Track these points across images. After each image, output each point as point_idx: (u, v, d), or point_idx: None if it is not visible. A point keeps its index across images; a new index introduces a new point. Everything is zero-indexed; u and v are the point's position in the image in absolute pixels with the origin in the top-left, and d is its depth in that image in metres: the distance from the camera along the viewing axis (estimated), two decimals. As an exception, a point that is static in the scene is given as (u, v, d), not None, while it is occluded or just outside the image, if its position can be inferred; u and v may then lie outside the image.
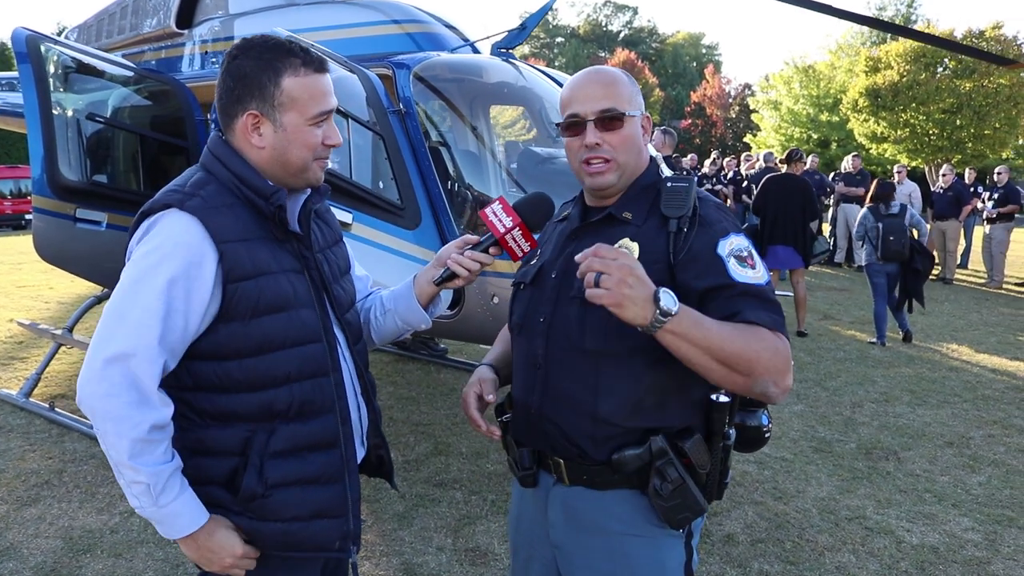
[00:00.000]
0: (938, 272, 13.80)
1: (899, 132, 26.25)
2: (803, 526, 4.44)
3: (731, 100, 52.88)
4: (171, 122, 6.20)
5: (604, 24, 70.72)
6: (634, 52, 56.73)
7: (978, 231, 15.53)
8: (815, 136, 34.65)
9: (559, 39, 67.42)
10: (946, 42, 8.99)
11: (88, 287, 10.51)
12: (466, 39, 5.41)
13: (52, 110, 5.56)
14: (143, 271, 1.73)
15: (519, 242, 1.98)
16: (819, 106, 34.21)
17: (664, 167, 2.08)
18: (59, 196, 5.69)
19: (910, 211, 8.57)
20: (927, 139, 26.11)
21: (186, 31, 6.84)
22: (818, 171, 15.72)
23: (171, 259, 1.71)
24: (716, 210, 1.92)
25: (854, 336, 9.46)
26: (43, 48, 5.62)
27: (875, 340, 8.99)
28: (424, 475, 4.96)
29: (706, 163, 17.83)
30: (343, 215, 4.19)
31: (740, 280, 1.79)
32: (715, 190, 14.98)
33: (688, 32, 69.84)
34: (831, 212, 15.96)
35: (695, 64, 64.07)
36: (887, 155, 27.70)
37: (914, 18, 41.30)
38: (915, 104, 25.60)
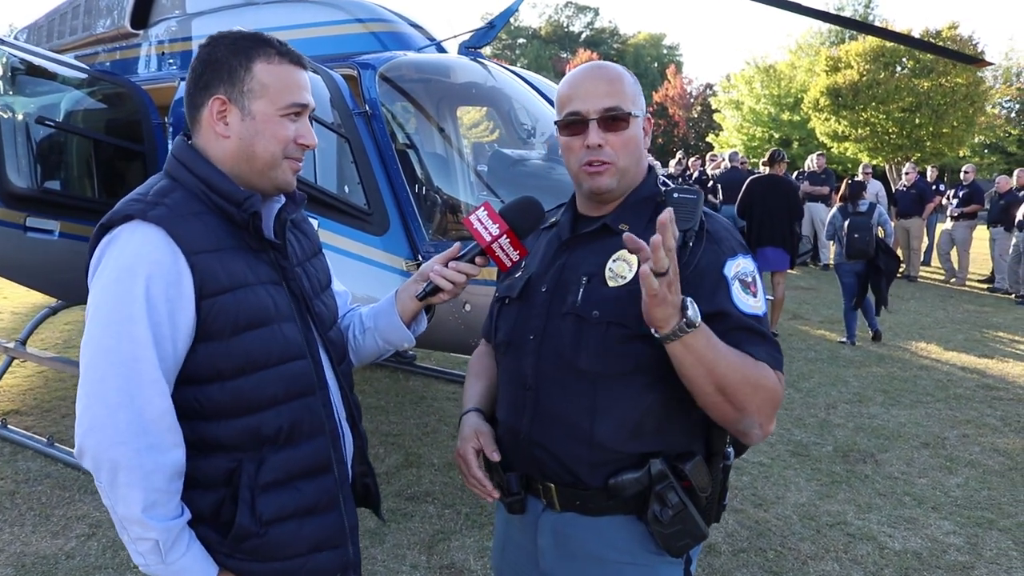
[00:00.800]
0: (903, 270, 13.90)
1: (860, 131, 26.54)
2: (785, 534, 4.35)
3: (692, 100, 53.19)
4: (127, 126, 5.95)
5: (566, 25, 70.80)
6: (596, 53, 56.84)
7: (939, 228, 15.70)
8: (777, 135, 34.93)
9: (521, 40, 67.36)
10: (918, 42, 9.01)
11: (44, 297, 10.17)
12: (432, 38, 5.26)
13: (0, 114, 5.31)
14: (118, 299, 1.56)
15: (507, 251, 1.81)
16: (780, 105, 34.52)
17: (661, 171, 1.94)
18: (7, 204, 5.42)
19: (878, 209, 8.57)
20: (887, 138, 26.43)
21: (141, 31, 6.60)
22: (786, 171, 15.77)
23: (146, 281, 1.55)
24: (723, 227, 1.82)
25: (824, 336, 9.45)
26: (-11, 49, 5.37)
27: (845, 340, 8.98)
28: (395, 488, 4.80)
29: (671, 163, 17.82)
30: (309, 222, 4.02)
31: (742, 310, 1.70)
32: (681, 190, 14.90)
33: (649, 33, 70.10)
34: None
35: (656, 64, 64.29)
36: (848, 154, 28.01)
37: (871, 18, 41.82)
38: (875, 103, 25.90)
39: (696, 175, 16.20)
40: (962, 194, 14.02)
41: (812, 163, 15.31)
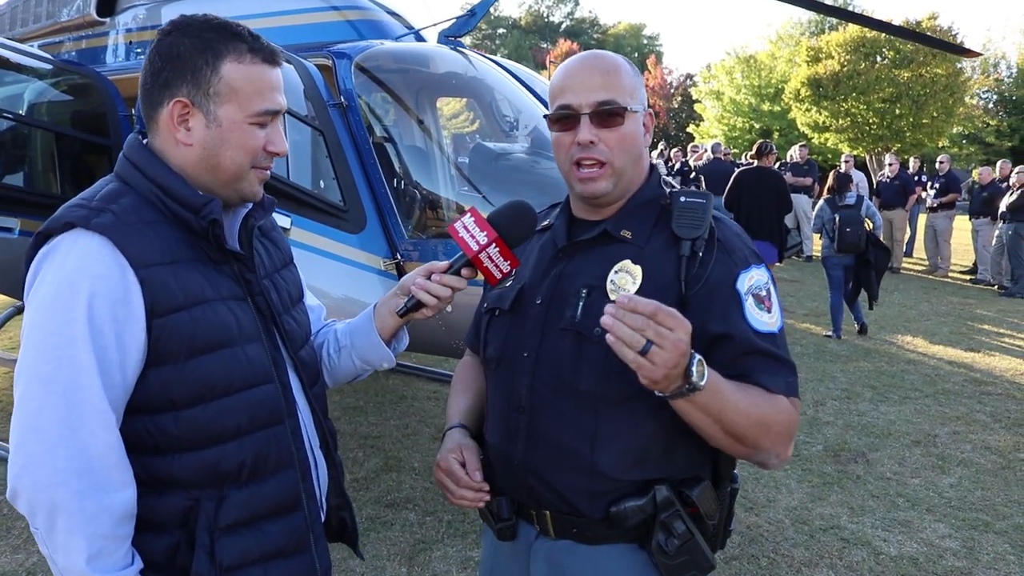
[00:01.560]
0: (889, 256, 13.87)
1: (841, 121, 26.52)
2: (777, 539, 4.22)
3: (673, 90, 53.08)
4: (92, 118, 5.72)
5: (546, 15, 70.49)
6: (576, 43, 56.60)
7: (921, 219, 15.68)
8: (757, 126, 34.92)
9: (501, 30, 67.03)
10: (911, 33, 8.97)
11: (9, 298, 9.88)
12: (410, 27, 5.05)
13: (-44, 106, 5.07)
14: (57, 320, 1.37)
15: (497, 261, 1.63)
16: (761, 96, 34.49)
17: (663, 170, 1.77)
18: (-35, 200, 5.20)
19: (866, 202, 8.49)
20: (868, 128, 26.42)
21: (108, 20, 6.35)
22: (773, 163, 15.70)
23: (88, 299, 1.37)
24: (735, 235, 1.66)
25: (809, 329, 9.35)
26: (-55, 38, 5.12)
27: (831, 333, 8.89)
28: (375, 494, 4.63)
29: (653, 155, 17.69)
30: (281, 220, 3.82)
31: (757, 328, 1.56)
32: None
33: (629, 23, 69.99)
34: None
35: (636, 55, 64.11)
36: (829, 144, 28.01)
37: (850, 7, 41.91)
38: (856, 93, 25.87)
39: (678, 166, 16.09)
40: (939, 184, 14.00)
41: (795, 154, 15.23)
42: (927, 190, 14.58)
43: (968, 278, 13.65)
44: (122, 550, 1.40)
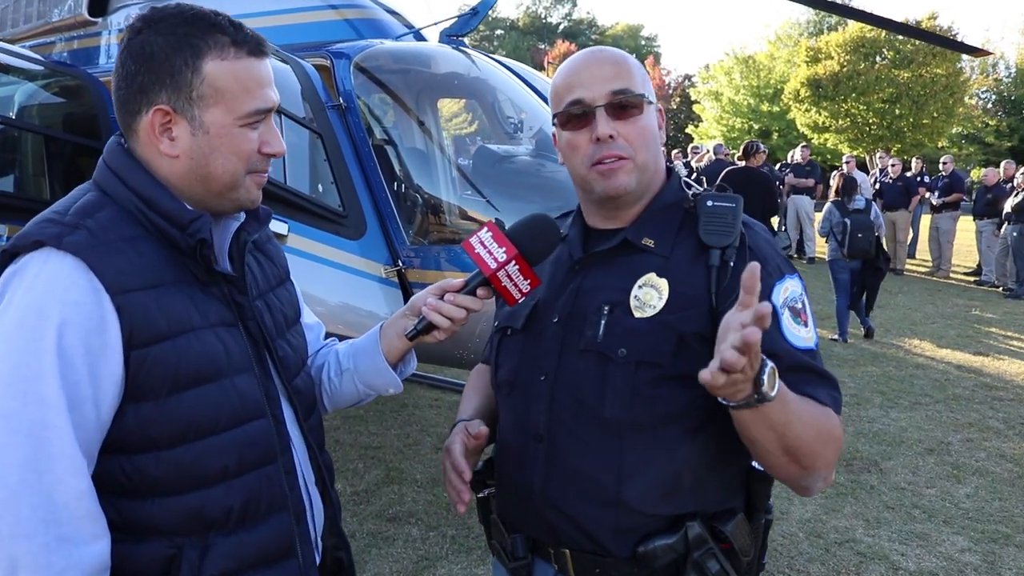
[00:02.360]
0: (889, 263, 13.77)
1: (840, 122, 26.46)
2: (792, 554, 4.08)
3: (671, 91, 53.00)
4: (84, 120, 5.57)
5: (544, 16, 70.36)
6: (574, 44, 56.51)
7: (924, 220, 15.56)
8: (756, 126, 34.83)
9: (499, 32, 66.89)
10: (922, 32, 8.90)
11: None
12: (411, 26, 4.91)
13: (-56, 108, 4.93)
14: (23, 350, 1.21)
15: (516, 280, 1.49)
16: (760, 96, 34.41)
17: (683, 171, 1.63)
18: (-50, 205, 5.04)
19: (874, 207, 8.38)
20: (868, 128, 26.35)
21: (100, 19, 6.20)
22: (766, 163, 15.58)
23: (58, 328, 1.21)
24: (767, 241, 1.52)
25: (814, 333, 9.21)
26: (-68, 38, 4.98)
27: (837, 337, 8.75)
28: (376, 508, 4.48)
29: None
30: (278, 226, 3.67)
31: (795, 344, 1.42)
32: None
33: (627, 24, 69.85)
34: (781, 204, 15.83)
35: (635, 56, 63.57)
36: (828, 145, 27.93)
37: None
38: (856, 94, 25.81)
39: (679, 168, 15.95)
40: (942, 184, 13.89)
41: (797, 155, 15.11)
42: (930, 191, 14.47)
43: (972, 279, 13.52)
44: None
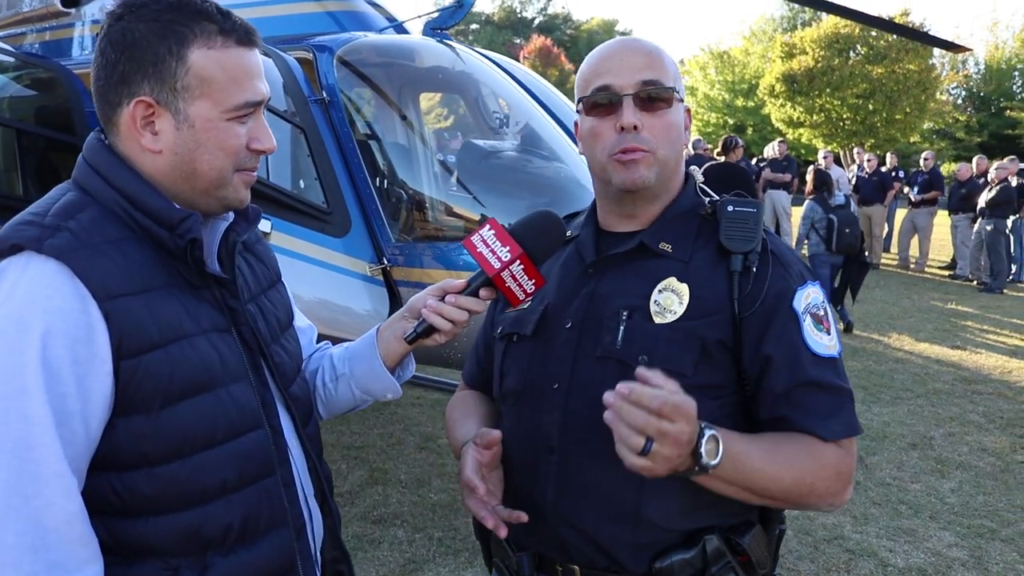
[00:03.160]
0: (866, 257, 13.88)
1: (815, 117, 26.62)
2: (782, 552, 4.00)
3: (646, 86, 53.11)
4: (57, 114, 5.44)
5: (518, 11, 70.17)
6: (549, 39, 56.43)
7: (899, 214, 15.69)
8: (731, 121, 35.02)
9: (474, 26, 66.65)
10: (901, 27, 9.00)
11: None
12: (393, 18, 4.83)
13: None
14: (3, 365, 1.13)
15: (520, 280, 1.43)
16: (734, 91, 34.60)
17: (700, 177, 1.57)
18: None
19: (852, 203, 8.44)
20: (842, 124, 26.54)
21: (74, 10, 6.06)
22: (744, 157, 15.61)
23: (42, 338, 1.13)
24: (787, 248, 1.49)
25: (794, 328, 9.25)
26: None
27: (817, 332, 8.79)
28: (360, 510, 4.41)
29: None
30: (262, 224, 3.58)
31: (817, 352, 1.39)
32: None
33: (602, 19, 69.92)
34: (758, 199, 15.88)
35: (610, 51, 64.13)
36: (803, 140, 28.10)
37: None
38: (830, 89, 25.96)
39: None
40: (921, 180, 13.99)
41: (773, 150, 15.13)
42: (906, 186, 14.58)
43: (947, 273, 13.66)
44: None
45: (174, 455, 1.24)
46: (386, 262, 3.72)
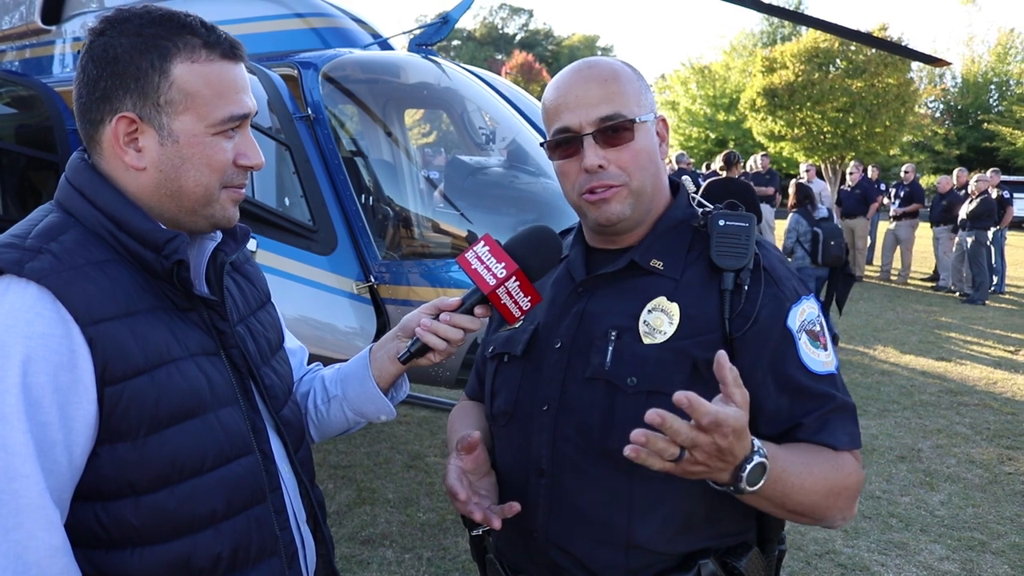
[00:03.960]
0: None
1: (796, 130, 26.75)
2: (773, 568, 4.03)
3: (628, 101, 53.38)
4: (37, 132, 5.38)
5: (500, 27, 70.53)
6: (531, 55, 56.70)
7: (881, 227, 15.80)
8: (713, 135, 35.21)
9: (456, 42, 66.88)
10: (882, 42, 9.09)
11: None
12: (378, 34, 4.81)
13: None
14: None
15: (516, 297, 1.40)
16: (716, 106, 34.80)
17: (691, 187, 1.55)
18: None
19: (834, 216, 8.48)
20: (823, 137, 26.70)
21: (55, 27, 6.00)
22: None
23: (22, 365, 1.10)
24: (780, 262, 1.45)
25: (780, 341, 9.26)
26: None
27: (803, 345, 8.81)
28: (348, 531, 4.35)
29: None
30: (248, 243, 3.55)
31: (814, 370, 1.36)
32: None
33: (583, 35, 70.32)
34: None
35: (592, 66, 64.39)
36: (784, 153, 28.26)
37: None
38: (810, 103, 26.12)
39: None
40: (903, 193, 14.10)
41: (756, 163, 15.22)
42: (890, 199, 14.70)
43: (929, 285, 13.75)
44: None
45: (161, 483, 1.20)
46: (373, 280, 3.69)
